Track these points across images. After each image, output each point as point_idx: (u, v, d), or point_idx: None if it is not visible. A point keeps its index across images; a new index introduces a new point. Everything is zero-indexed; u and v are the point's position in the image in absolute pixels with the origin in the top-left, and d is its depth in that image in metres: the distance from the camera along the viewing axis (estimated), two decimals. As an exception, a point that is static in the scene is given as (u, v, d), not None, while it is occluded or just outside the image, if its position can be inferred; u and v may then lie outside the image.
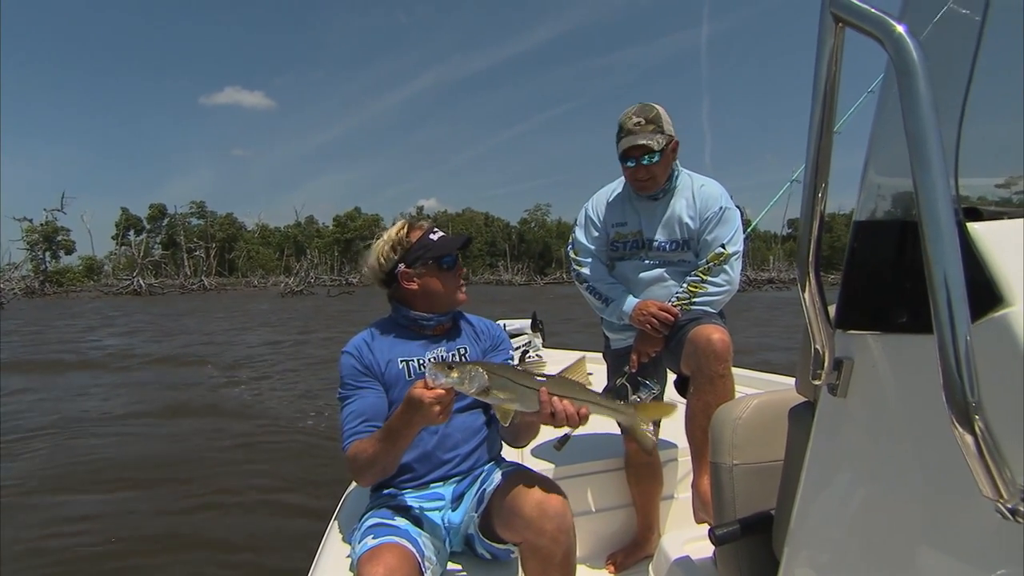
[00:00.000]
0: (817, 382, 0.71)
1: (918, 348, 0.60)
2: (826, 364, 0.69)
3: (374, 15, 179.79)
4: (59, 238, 55.94)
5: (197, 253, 63.25)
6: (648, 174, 1.86)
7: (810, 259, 0.68)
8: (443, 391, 1.21)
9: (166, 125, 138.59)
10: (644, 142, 1.80)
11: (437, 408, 1.22)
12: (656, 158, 1.82)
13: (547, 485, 1.38)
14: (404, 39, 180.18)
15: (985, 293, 0.55)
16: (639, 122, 1.83)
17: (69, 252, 57.98)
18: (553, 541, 1.31)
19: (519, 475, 1.44)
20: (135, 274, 49.30)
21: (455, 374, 1.17)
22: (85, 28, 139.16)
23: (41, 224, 54.09)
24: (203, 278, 55.09)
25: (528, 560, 1.37)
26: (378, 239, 1.63)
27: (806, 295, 0.69)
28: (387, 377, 1.54)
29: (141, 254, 55.18)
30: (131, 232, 64.34)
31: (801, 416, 0.89)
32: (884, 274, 0.67)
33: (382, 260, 1.59)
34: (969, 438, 0.48)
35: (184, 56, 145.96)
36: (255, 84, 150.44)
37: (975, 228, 0.59)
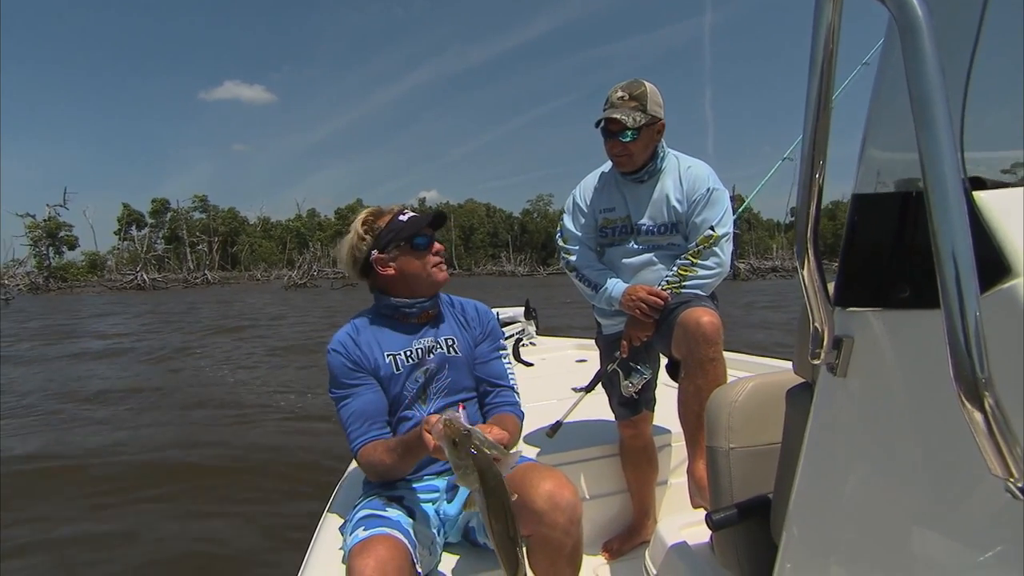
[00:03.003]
0: (816, 361, 0.69)
1: (921, 324, 0.58)
2: (825, 343, 0.67)
3: (371, 10, 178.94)
4: (62, 234, 55.89)
5: (200, 247, 63.37)
6: (624, 150, 1.82)
7: (808, 235, 0.65)
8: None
9: (166, 120, 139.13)
10: (618, 116, 1.76)
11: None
12: (630, 136, 1.78)
13: (556, 476, 1.35)
14: (403, 32, 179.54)
15: (991, 264, 0.53)
16: (622, 96, 1.79)
17: (72, 248, 57.93)
18: (565, 533, 1.29)
19: (525, 467, 1.40)
20: (138, 269, 49.43)
21: (454, 456, 1.13)
22: (82, 25, 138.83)
23: (44, 220, 54.08)
24: (206, 272, 55.17)
25: (537, 552, 1.34)
26: (347, 231, 1.59)
27: (805, 272, 0.66)
28: (376, 372, 1.51)
29: (144, 249, 55.30)
30: (133, 227, 64.30)
31: (799, 398, 0.87)
32: (885, 248, 0.64)
33: (355, 251, 1.55)
34: (978, 416, 0.46)
35: (182, 50, 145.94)
36: (254, 78, 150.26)
37: (980, 197, 0.56)
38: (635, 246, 1.90)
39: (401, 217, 1.55)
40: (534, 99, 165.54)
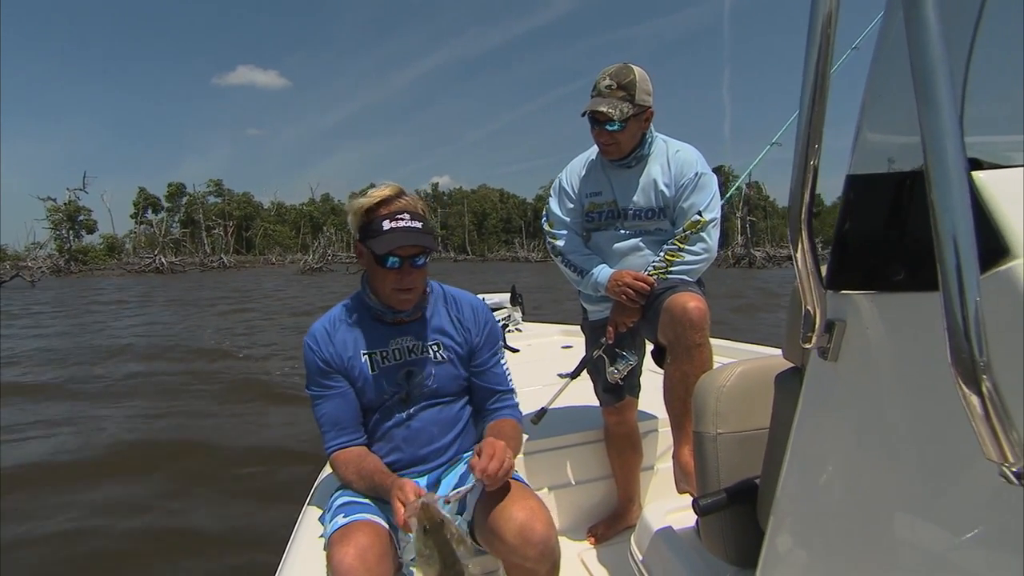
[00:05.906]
0: (807, 345, 0.68)
1: (915, 307, 0.58)
2: (817, 326, 0.66)
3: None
4: (81, 217, 56.88)
5: (216, 231, 64.09)
6: (611, 139, 1.79)
7: (802, 216, 0.64)
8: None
9: (180, 105, 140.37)
10: (605, 109, 1.73)
11: None
12: (618, 126, 1.75)
13: (529, 507, 1.27)
14: (418, 16, 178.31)
15: (989, 246, 0.51)
16: (610, 85, 1.75)
17: (91, 231, 59.04)
18: (537, 563, 1.24)
19: (500, 489, 1.30)
20: (156, 252, 50.17)
21: (420, 542, 1.11)
22: (96, 7, 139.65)
23: (64, 203, 55.05)
24: (222, 256, 55.87)
25: (512, 573, 1.32)
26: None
27: (798, 254, 0.65)
28: (350, 372, 1.44)
29: (162, 232, 56.05)
30: (149, 211, 65.21)
31: (788, 382, 0.86)
32: (879, 230, 0.62)
33: (351, 220, 1.42)
34: (975, 399, 0.44)
35: (194, 35, 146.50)
36: (268, 63, 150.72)
37: (980, 177, 0.55)
38: (622, 231, 1.88)
39: (386, 221, 1.34)
40: (549, 83, 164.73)
